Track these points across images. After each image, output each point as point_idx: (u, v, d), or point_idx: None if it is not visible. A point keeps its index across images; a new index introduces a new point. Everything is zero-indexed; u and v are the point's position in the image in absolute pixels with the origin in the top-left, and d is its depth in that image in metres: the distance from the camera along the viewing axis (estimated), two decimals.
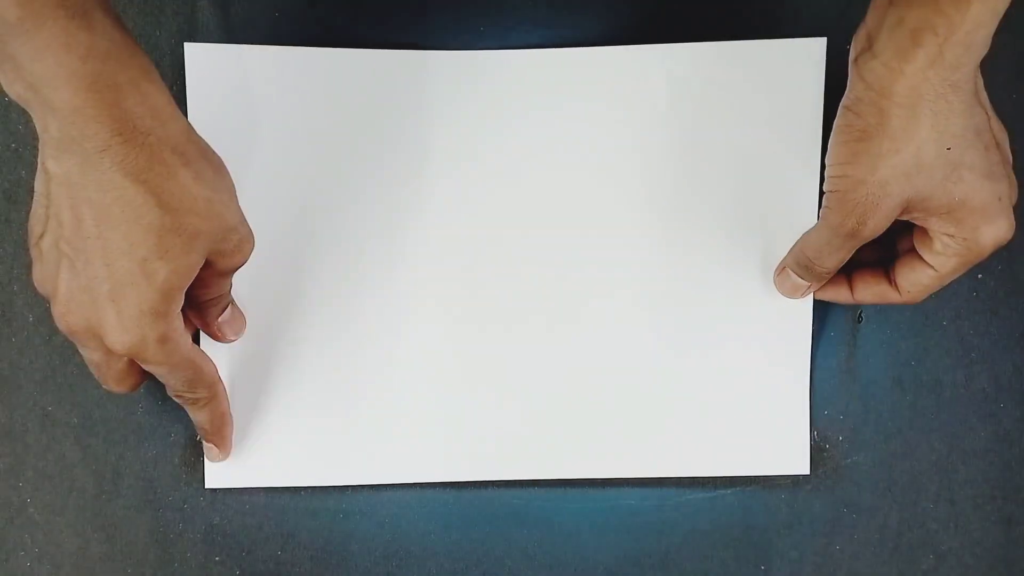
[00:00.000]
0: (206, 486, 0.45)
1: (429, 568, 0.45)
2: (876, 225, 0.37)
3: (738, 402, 0.45)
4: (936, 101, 0.34)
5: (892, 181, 0.35)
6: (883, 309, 0.46)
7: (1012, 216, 0.37)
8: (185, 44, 0.44)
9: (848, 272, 0.42)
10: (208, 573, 0.45)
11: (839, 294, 0.43)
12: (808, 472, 0.45)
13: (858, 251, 0.39)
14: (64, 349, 0.44)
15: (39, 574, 0.45)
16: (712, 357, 0.45)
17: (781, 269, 0.44)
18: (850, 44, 0.37)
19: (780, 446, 0.45)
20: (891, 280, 0.41)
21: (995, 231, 0.37)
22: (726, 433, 0.45)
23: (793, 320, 0.45)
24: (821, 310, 0.45)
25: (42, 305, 0.44)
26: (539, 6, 0.45)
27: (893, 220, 0.37)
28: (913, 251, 0.39)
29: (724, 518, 0.45)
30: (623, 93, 0.44)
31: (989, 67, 0.45)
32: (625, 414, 0.45)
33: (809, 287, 0.43)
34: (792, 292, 0.44)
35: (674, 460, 0.45)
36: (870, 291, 0.42)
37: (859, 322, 0.46)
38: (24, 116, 0.44)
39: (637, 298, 0.45)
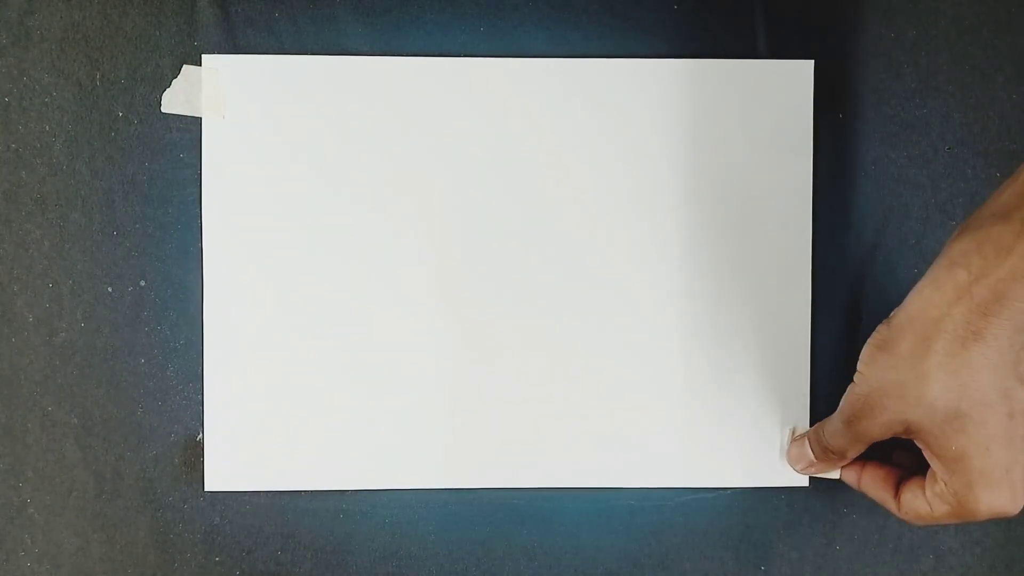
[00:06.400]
0: (206, 488, 0.45)
1: (429, 568, 0.45)
2: (869, 428, 0.37)
3: (738, 409, 0.45)
4: (953, 342, 0.33)
5: (891, 400, 0.35)
6: (884, 307, 0.46)
7: (1020, 493, 0.35)
8: (203, 56, 0.44)
9: (864, 460, 0.41)
10: (208, 573, 0.45)
11: (848, 475, 0.42)
12: (808, 486, 0.45)
13: (897, 451, 0.39)
14: (64, 349, 0.44)
15: (39, 574, 0.45)
16: (711, 362, 0.45)
17: (801, 437, 0.43)
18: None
19: (782, 458, 0.45)
20: (897, 490, 0.39)
21: (991, 499, 0.34)
22: (726, 444, 0.45)
23: (793, 320, 0.45)
24: (821, 310, 0.45)
25: (42, 305, 0.44)
26: (540, 7, 0.45)
27: (893, 433, 0.36)
28: (924, 476, 0.38)
29: (724, 518, 0.45)
30: (616, 104, 0.45)
31: (989, 67, 0.46)
32: (625, 424, 0.45)
33: (812, 464, 0.42)
34: (796, 460, 0.43)
35: (673, 471, 0.45)
36: (875, 491, 0.40)
37: (859, 322, 0.46)
38: (24, 116, 0.44)
39: (634, 306, 0.45)
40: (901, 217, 0.46)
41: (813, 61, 0.45)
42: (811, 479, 0.45)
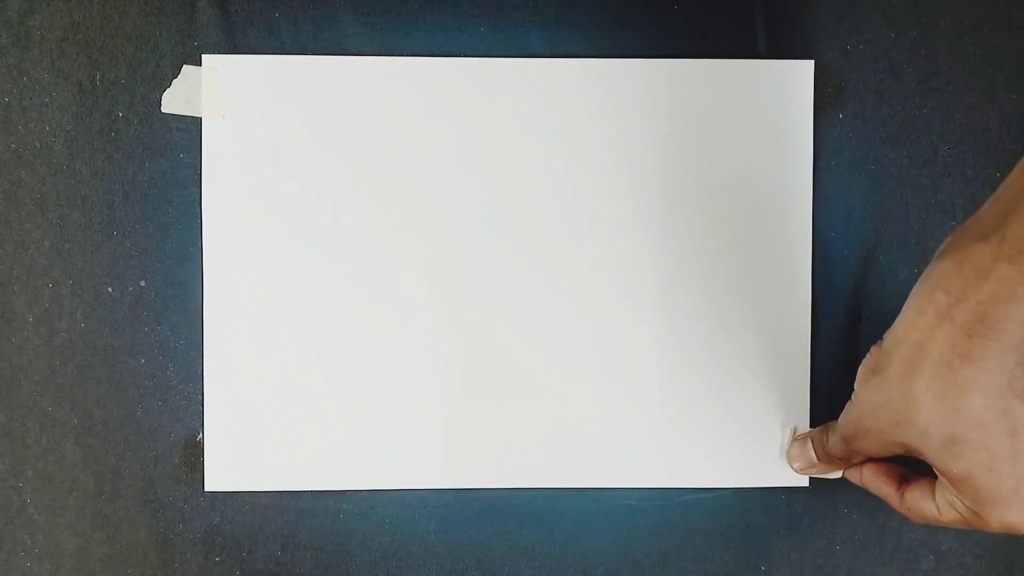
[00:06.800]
0: (206, 489, 0.45)
1: (429, 568, 0.45)
2: (866, 447, 0.37)
3: (738, 410, 0.45)
4: (940, 366, 0.32)
5: (883, 423, 0.35)
6: (884, 307, 0.46)
7: None
8: (203, 56, 0.44)
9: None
10: (208, 573, 0.45)
11: (851, 471, 0.42)
12: (807, 486, 0.45)
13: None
14: (64, 349, 0.44)
15: (39, 574, 0.45)
16: (711, 362, 0.45)
17: (804, 437, 0.44)
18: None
19: (781, 458, 0.45)
20: (901, 487, 0.39)
21: (1002, 517, 0.34)
22: (727, 444, 0.45)
23: (793, 320, 0.45)
24: (821, 310, 0.45)
25: (42, 305, 0.44)
26: (540, 7, 0.45)
27: (892, 452, 0.37)
28: (931, 478, 0.38)
29: (724, 518, 0.45)
30: (616, 104, 0.45)
31: (989, 67, 0.46)
32: (625, 424, 0.45)
33: (813, 465, 0.43)
34: (796, 459, 0.44)
35: (673, 471, 0.45)
36: (876, 485, 0.40)
37: (859, 322, 0.46)
38: (24, 116, 0.44)
39: (633, 306, 0.45)
40: (901, 217, 0.46)
41: (813, 61, 0.45)
42: (811, 479, 0.45)
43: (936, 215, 0.46)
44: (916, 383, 0.33)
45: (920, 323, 0.33)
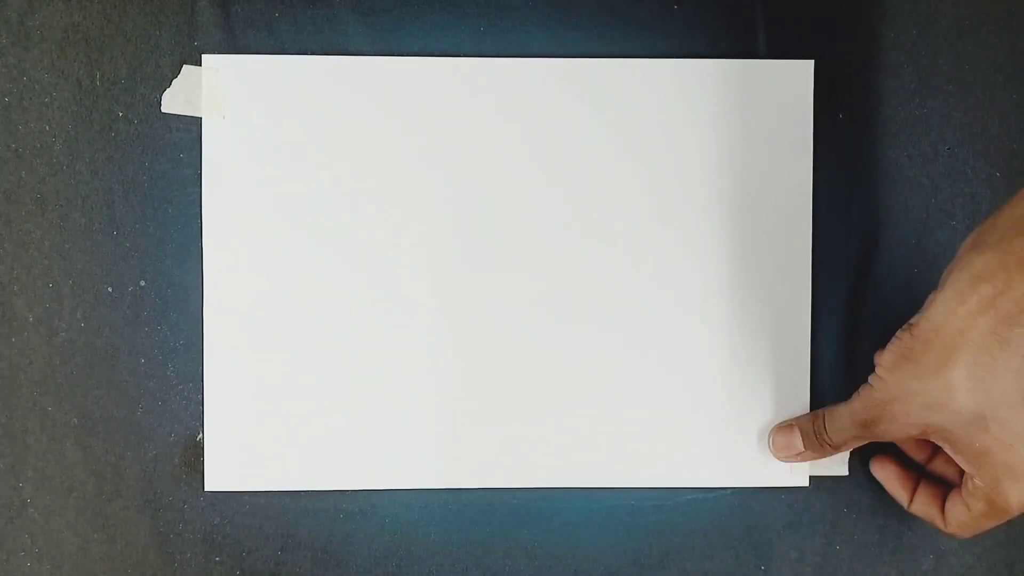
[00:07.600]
0: (206, 488, 0.45)
1: (429, 568, 0.45)
2: (887, 431, 0.38)
3: (738, 409, 0.45)
4: (979, 351, 0.34)
5: (914, 408, 0.36)
6: (884, 307, 0.46)
7: None
8: (203, 56, 0.44)
9: (916, 480, 0.42)
10: (208, 573, 0.45)
11: (900, 495, 0.43)
12: (807, 486, 0.45)
13: (937, 465, 0.42)
14: (64, 349, 0.44)
15: (39, 574, 0.45)
16: (711, 362, 0.45)
17: (789, 426, 0.44)
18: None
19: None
20: (943, 507, 0.41)
21: (1020, 493, 0.36)
22: (727, 444, 0.45)
23: (793, 320, 0.45)
24: (821, 310, 0.45)
25: (42, 305, 0.44)
26: (539, 7, 0.45)
27: (909, 435, 0.38)
28: (937, 487, 0.41)
29: (724, 518, 0.45)
30: (616, 104, 0.45)
31: (989, 67, 0.46)
32: (625, 424, 0.45)
33: (799, 454, 0.43)
34: (782, 448, 0.44)
35: (673, 471, 0.45)
36: (923, 510, 0.42)
37: (859, 322, 0.46)
38: (24, 116, 0.44)
39: (633, 306, 0.45)
40: (901, 217, 0.46)
41: (813, 61, 0.45)
42: (811, 478, 0.45)
43: (936, 215, 0.46)
44: (955, 369, 0.35)
45: (962, 311, 0.34)
